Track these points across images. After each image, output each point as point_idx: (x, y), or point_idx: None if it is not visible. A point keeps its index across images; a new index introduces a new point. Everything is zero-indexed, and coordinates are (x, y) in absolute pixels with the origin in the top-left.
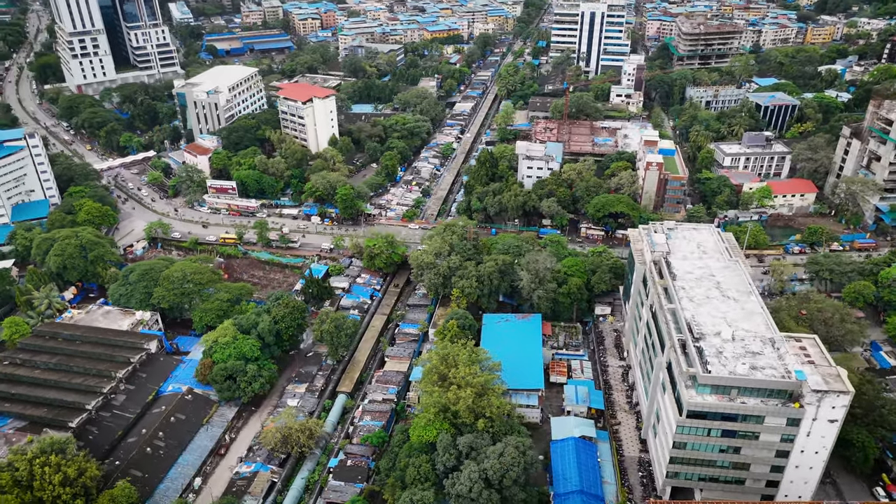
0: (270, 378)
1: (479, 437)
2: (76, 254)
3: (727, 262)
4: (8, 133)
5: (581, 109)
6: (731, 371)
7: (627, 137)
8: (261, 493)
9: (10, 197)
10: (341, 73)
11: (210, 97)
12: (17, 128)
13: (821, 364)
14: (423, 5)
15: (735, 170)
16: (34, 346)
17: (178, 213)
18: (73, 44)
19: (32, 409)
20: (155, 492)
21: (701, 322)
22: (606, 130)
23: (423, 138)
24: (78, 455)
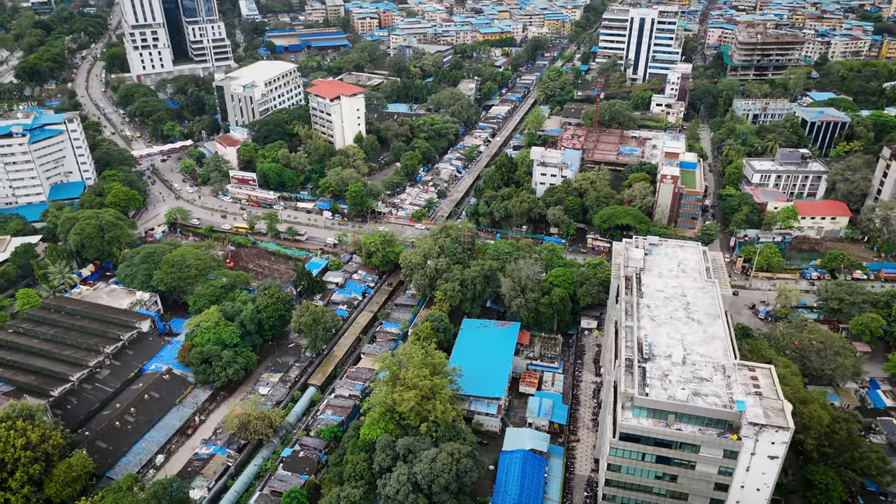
0: (247, 365)
1: (419, 441)
2: (94, 234)
3: (704, 282)
4: (50, 117)
5: (614, 117)
6: (670, 395)
7: (656, 148)
8: (213, 476)
9: (49, 177)
10: (386, 72)
11: (246, 91)
12: (81, 112)
13: (768, 396)
14: (482, 7)
15: (764, 187)
16: (38, 318)
17: (200, 200)
18: (134, 36)
19: (22, 376)
20: (117, 464)
21: (656, 342)
22: (635, 140)
23: (451, 140)
24: (45, 422)
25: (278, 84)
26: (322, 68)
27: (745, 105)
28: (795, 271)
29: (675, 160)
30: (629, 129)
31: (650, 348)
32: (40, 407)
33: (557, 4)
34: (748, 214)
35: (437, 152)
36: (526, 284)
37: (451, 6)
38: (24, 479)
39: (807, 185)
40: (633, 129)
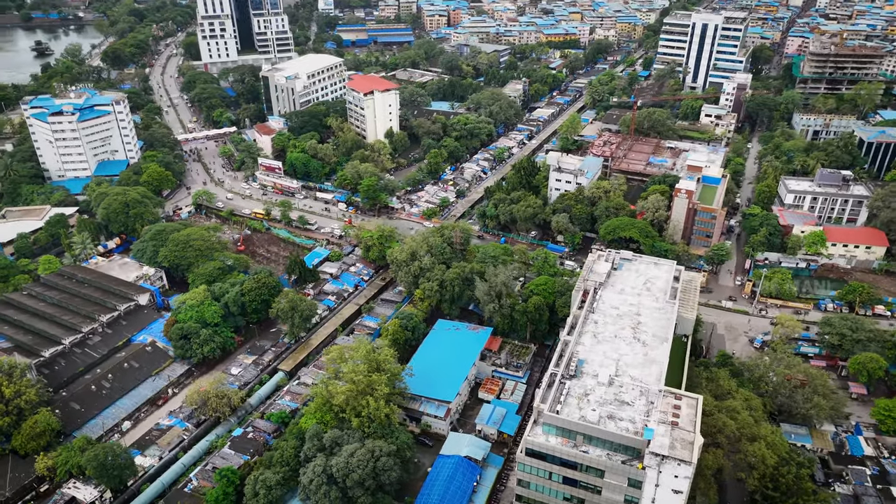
0: (224, 345)
1: (349, 434)
2: (119, 209)
3: (664, 303)
4: (100, 98)
5: (653, 126)
6: (582, 416)
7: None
8: (167, 446)
9: (96, 154)
10: (440, 69)
11: (288, 82)
12: (150, 96)
13: (683, 428)
14: (554, 7)
15: (796, 209)
16: (51, 283)
17: (228, 185)
18: (203, 26)
19: (22, 335)
20: (85, 425)
21: (590, 360)
22: (670, 151)
23: (483, 140)
24: (25, 379)
25: (322, 77)
26: (378, 64)
27: (806, 120)
28: (809, 301)
29: (697, 174)
30: (668, 138)
31: (580, 365)
32: (25, 365)
33: (632, 7)
34: (768, 236)
35: (469, 152)
36: (501, 290)
37: (523, 6)
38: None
39: (846, 210)
40: (672, 140)
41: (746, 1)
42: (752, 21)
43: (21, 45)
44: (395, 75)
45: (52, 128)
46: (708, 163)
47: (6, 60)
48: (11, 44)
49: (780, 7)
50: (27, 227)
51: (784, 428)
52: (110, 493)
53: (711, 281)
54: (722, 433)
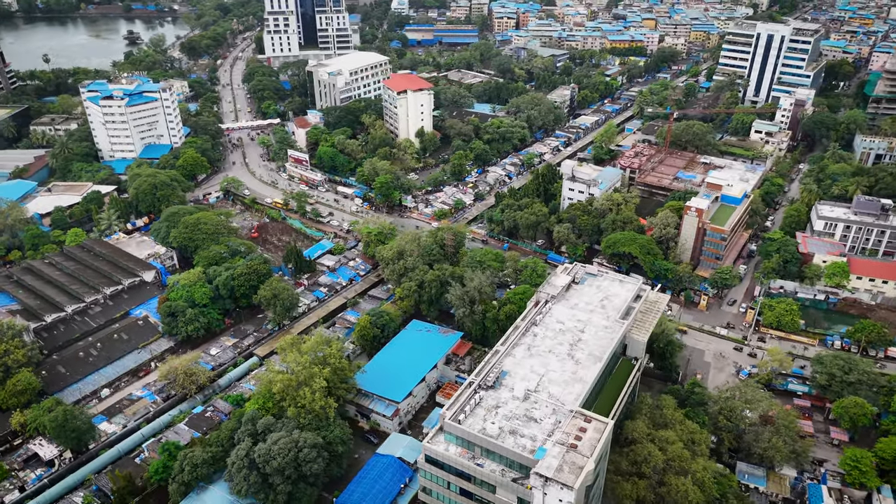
0: (209, 325)
1: (284, 423)
2: (148, 190)
3: (614, 322)
4: (149, 86)
5: (690, 140)
6: (482, 429)
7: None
8: (132, 416)
9: (143, 137)
10: (493, 72)
11: (330, 78)
12: (214, 85)
13: (581, 451)
14: (628, 13)
15: (828, 237)
16: (71, 254)
17: (259, 174)
18: (268, 21)
19: (32, 299)
20: (67, 388)
21: (515, 373)
22: (704, 167)
23: (515, 144)
24: (17, 340)
25: (364, 74)
26: (433, 64)
27: (868, 143)
28: (816, 336)
29: (716, 192)
30: (707, 154)
31: (502, 377)
32: (22, 326)
33: (711, 15)
34: (783, 263)
35: (500, 155)
36: (475, 296)
37: (596, 11)
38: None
39: (883, 242)
40: (710, 155)
41: (840, 13)
42: (838, 34)
43: (118, 35)
44: (448, 76)
45: (103, 111)
46: (739, 181)
47: (102, 48)
48: (111, 32)
49: (875, 20)
50: (66, 202)
51: (740, 467)
52: (70, 453)
53: (714, 306)
54: (647, 463)
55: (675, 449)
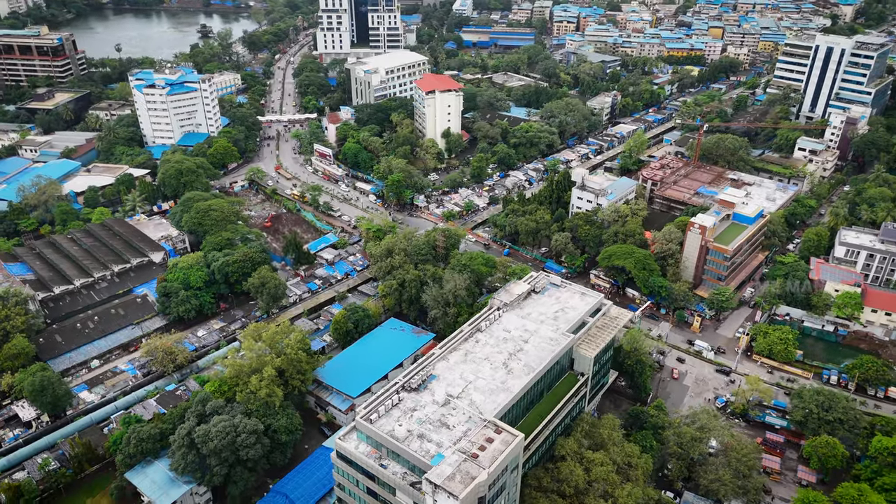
0: (201, 307)
1: (232, 407)
2: (173, 175)
3: (561, 335)
4: (191, 77)
5: (721, 154)
6: (390, 430)
7: (749, 196)
8: (111, 388)
9: (182, 125)
10: (539, 75)
11: (366, 75)
12: (268, 79)
13: (479, 463)
14: (694, 20)
15: (848, 265)
16: (92, 231)
17: (286, 165)
18: (322, 18)
19: (46, 270)
20: (60, 356)
21: (444, 377)
22: (731, 183)
23: (542, 150)
24: (16, 307)
25: (401, 73)
26: (479, 66)
27: None
28: (812, 368)
29: (728, 210)
30: (738, 169)
31: (430, 380)
32: (28, 295)
33: (783, 25)
34: (788, 289)
35: (525, 159)
36: (449, 298)
37: (662, 17)
38: None
39: None
40: (742, 171)
41: None
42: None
43: (194, 28)
44: (492, 78)
45: (146, 98)
46: (765, 200)
47: (176, 40)
48: (188, 26)
49: None
50: (101, 182)
51: (686, 497)
52: (48, 417)
53: (710, 328)
54: (568, 483)
55: (601, 471)
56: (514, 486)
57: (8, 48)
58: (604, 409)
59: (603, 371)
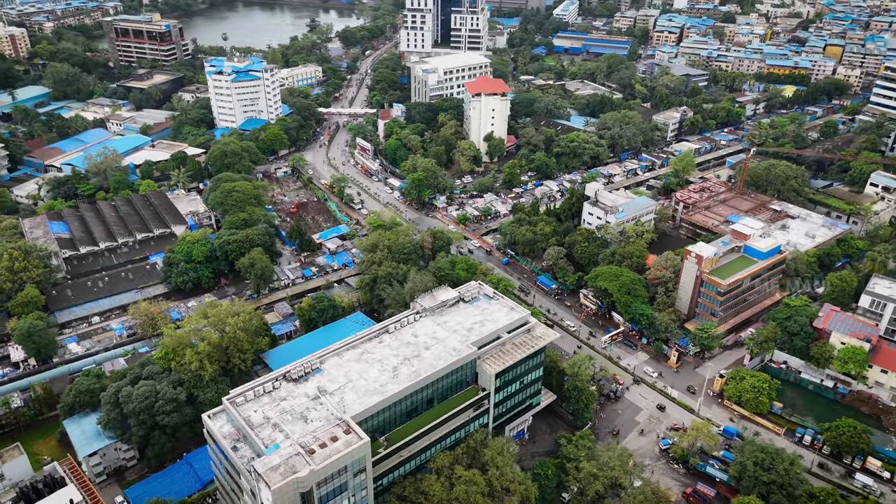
0: (199, 280)
1: (165, 375)
2: (218, 156)
3: (464, 347)
4: (256, 66)
5: (772, 182)
6: (247, 416)
7: (787, 229)
8: (96, 343)
9: (245, 111)
10: (614, 85)
11: (423, 74)
12: (350, 73)
13: (314, 460)
14: (812, 36)
15: (872, 317)
16: (133, 200)
17: (330, 156)
18: (406, 17)
19: (79, 231)
20: (67, 309)
21: (329, 373)
22: (772, 214)
23: (586, 161)
24: (36, 261)
25: (460, 74)
26: (553, 71)
27: None
28: (786, 424)
29: (739, 241)
30: (789, 200)
31: (314, 373)
32: (52, 252)
33: None
34: (790, 335)
35: (566, 170)
36: (406, 300)
37: (779, 32)
38: (3, 288)
39: None
40: (792, 202)
41: None
42: None
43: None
44: (565, 85)
45: (214, 83)
46: (803, 237)
47: (286, 32)
48: (303, 19)
49: None
50: (158, 157)
51: None
52: (34, 361)
53: (689, 365)
54: (428, 497)
55: (462, 489)
56: (363, 490)
57: (125, 32)
58: (537, 432)
59: (528, 390)
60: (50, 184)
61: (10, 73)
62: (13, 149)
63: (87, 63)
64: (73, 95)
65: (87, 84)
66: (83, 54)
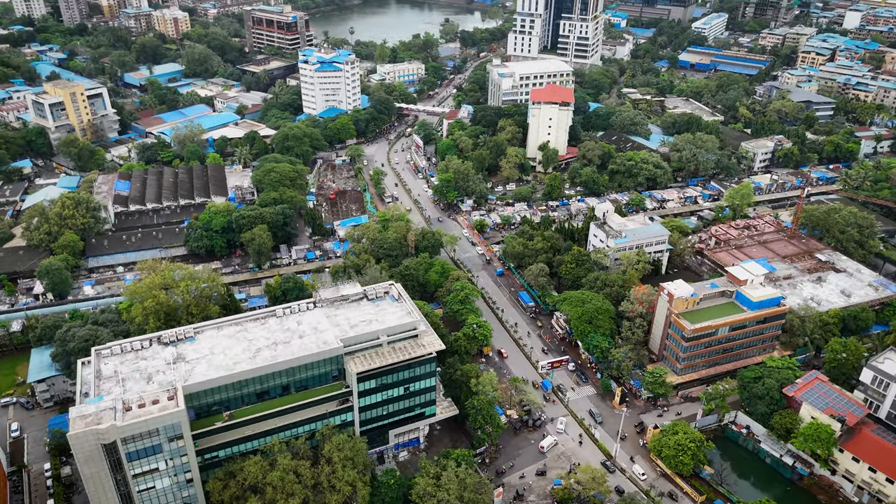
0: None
1: (118, 322)
2: (281, 139)
3: (334, 342)
4: (339, 57)
5: (830, 229)
6: (102, 367)
7: (821, 282)
8: (105, 289)
9: (326, 100)
10: (720, 106)
11: (499, 78)
12: (458, 73)
13: (124, 418)
14: None
15: (875, 396)
16: (193, 170)
17: (391, 150)
18: (516, 21)
19: (136, 191)
20: (98, 256)
21: (200, 341)
22: (815, 263)
23: (640, 182)
24: (86, 212)
25: (537, 81)
26: (656, 86)
27: None
28: (707, 492)
29: (732, 286)
30: (848, 251)
31: (186, 341)
32: (101, 204)
33: None
34: (746, 397)
35: (620, 189)
36: None
37: None
38: (51, 231)
39: None
40: (851, 253)
41: None
42: None
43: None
44: (664, 101)
45: (301, 72)
46: (838, 294)
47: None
48: (440, 18)
49: None
50: (234, 135)
51: None
52: (51, 296)
53: (637, 409)
54: (234, 479)
55: (279, 476)
56: (182, 457)
57: (259, 21)
58: (438, 443)
59: (417, 399)
60: (138, 148)
61: (159, 51)
62: (125, 115)
63: (224, 47)
64: (201, 74)
65: (214, 65)
66: (224, 39)
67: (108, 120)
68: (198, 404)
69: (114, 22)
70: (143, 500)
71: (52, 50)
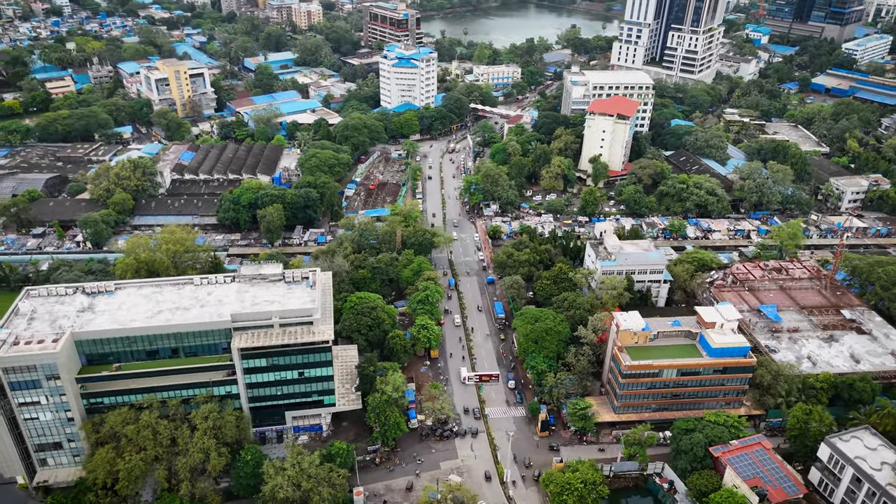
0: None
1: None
2: (341, 129)
3: (227, 314)
4: (419, 54)
5: (873, 281)
6: (20, 305)
7: (831, 341)
8: None
9: (402, 95)
10: (816, 137)
11: (570, 86)
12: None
13: (7, 350)
14: None
15: (829, 477)
16: (253, 148)
17: (448, 148)
18: (623, 29)
19: (197, 162)
20: (144, 216)
21: (117, 297)
22: (840, 319)
23: (690, 208)
24: (142, 175)
25: (611, 91)
26: (759, 108)
27: None
28: None
29: (697, 328)
30: (885, 309)
31: (106, 294)
32: (158, 170)
33: None
34: (672, 451)
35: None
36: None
37: None
38: (110, 188)
39: None
40: (882, 314)
41: None
42: None
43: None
44: (765, 126)
45: (381, 67)
46: (846, 358)
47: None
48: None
49: None
50: (306, 121)
51: None
52: (90, 244)
53: (561, 438)
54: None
55: (135, 428)
56: (61, 396)
57: (375, 16)
58: (343, 434)
59: (313, 385)
60: (219, 125)
61: (281, 39)
62: (222, 95)
63: (340, 40)
64: (310, 63)
65: (322, 55)
66: (344, 32)
67: (206, 98)
68: (90, 352)
69: (260, 12)
70: (29, 429)
71: (198, 34)
